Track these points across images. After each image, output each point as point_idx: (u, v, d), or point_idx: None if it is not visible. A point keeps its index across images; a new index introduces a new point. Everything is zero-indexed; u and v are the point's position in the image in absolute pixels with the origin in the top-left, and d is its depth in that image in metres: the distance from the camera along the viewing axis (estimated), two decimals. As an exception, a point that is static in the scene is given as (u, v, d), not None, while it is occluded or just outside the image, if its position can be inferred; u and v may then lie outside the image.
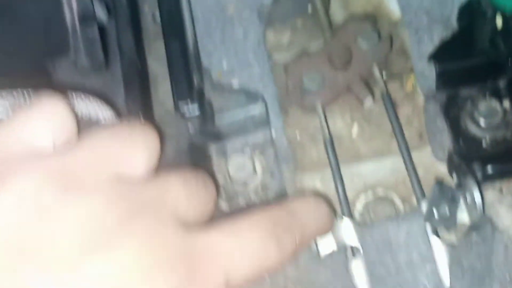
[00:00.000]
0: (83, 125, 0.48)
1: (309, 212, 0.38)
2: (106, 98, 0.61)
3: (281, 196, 0.54)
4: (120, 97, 0.59)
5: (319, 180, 0.56)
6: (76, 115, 0.34)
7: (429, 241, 0.47)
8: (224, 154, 0.58)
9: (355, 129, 0.58)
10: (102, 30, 0.58)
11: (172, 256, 0.28)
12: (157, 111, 0.59)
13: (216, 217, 0.34)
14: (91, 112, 0.49)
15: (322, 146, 0.56)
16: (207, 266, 0.29)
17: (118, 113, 0.57)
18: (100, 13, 0.59)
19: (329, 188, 0.55)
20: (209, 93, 0.59)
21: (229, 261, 0.30)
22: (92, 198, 0.28)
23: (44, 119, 0.31)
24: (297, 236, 0.34)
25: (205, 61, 0.62)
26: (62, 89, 0.62)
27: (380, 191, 0.54)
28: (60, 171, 0.28)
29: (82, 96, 0.48)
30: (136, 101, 0.56)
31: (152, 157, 0.33)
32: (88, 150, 0.31)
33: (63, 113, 0.32)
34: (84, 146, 0.31)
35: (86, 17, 0.55)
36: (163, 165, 0.36)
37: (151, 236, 0.28)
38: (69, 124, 0.32)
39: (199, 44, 0.63)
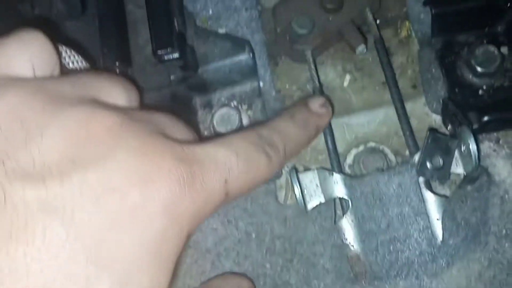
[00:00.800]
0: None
1: (291, 128, 0.41)
2: (81, 46, 0.58)
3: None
4: (95, 44, 0.56)
5: (308, 132, 0.53)
6: (57, 49, 0.33)
7: (421, 194, 0.45)
8: (209, 106, 0.56)
9: (347, 80, 0.55)
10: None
11: (169, 161, 0.27)
12: (137, 58, 0.55)
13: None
14: (66, 61, 0.47)
15: (312, 97, 0.53)
16: (206, 171, 0.29)
17: (93, 62, 0.54)
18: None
19: (320, 141, 0.52)
20: (192, 39, 0.55)
21: (226, 168, 0.30)
22: (76, 110, 0.28)
23: (22, 48, 0.30)
24: (281, 148, 0.36)
25: (189, 5, 0.58)
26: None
27: (372, 144, 0.52)
28: (40, 90, 0.28)
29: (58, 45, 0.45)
30: (112, 48, 0.53)
31: (131, 96, 0.33)
32: (68, 79, 0.31)
33: (43, 45, 0.31)
34: (64, 76, 0.31)
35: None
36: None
37: (144, 144, 0.27)
38: (49, 56, 0.32)
39: (182, -13, 0.59)
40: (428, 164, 0.44)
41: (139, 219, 0.26)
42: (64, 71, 0.46)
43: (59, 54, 0.33)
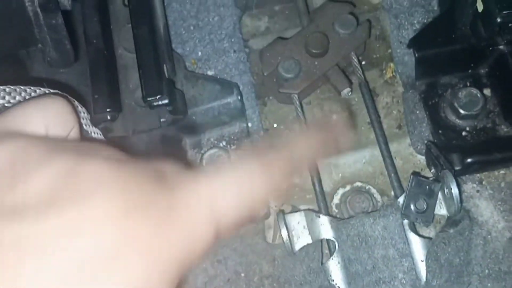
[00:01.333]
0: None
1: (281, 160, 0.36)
2: (74, 92, 0.60)
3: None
4: (88, 89, 0.57)
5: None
6: (76, 113, 0.35)
7: (406, 236, 0.46)
8: (198, 147, 0.57)
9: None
10: (69, 21, 0.56)
11: (146, 200, 0.26)
12: (128, 101, 0.57)
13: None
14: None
15: (299, 137, 0.54)
16: (187, 207, 0.27)
17: (86, 106, 0.55)
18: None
19: (307, 182, 0.53)
20: (181, 83, 0.57)
21: (212, 195, 0.28)
22: (65, 158, 0.28)
23: (39, 111, 0.33)
24: (271, 177, 0.33)
25: (178, 48, 0.60)
26: (35, 78, 0.61)
27: (359, 183, 0.52)
28: (36, 143, 0.30)
29: (54, 90, 0.47)
30: (103, 94, 0.54)
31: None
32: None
33: (60, 109, 0.34)
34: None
35: (47, 3, 0.53)
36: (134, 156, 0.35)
37: (124, 182, 0.27)
38: (64, 119, 0.34)
39: (172, 31, 0.61)
40: (412, 207, 0.45)
41: (115, 265, 0.25)
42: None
43: (77, 117, 0.35)
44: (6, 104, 0.46)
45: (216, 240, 0.28)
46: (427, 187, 0.45)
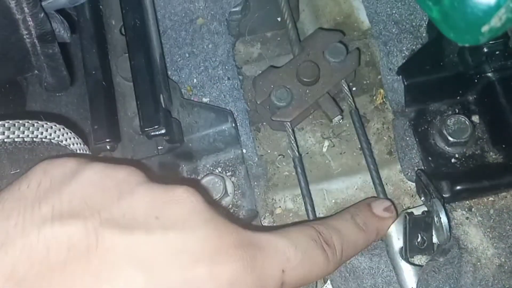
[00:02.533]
0: (52, 151, 0.49)
1: (350, 229, 0.41)
2: (73, 119, 0.61)
3: (253, 216, 0.54)
4: (86, 118, 0.58)
5: (290, 198, 0.55)
6: None
7: (392, 264, 0.47)
8: (195, 173, 0.58)
9: (325, 146, 0.57)
10: (65, 47, 0.57)
11: (235, 243, 0.30)
12: (126, 129, 0.58)
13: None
14: (59, 138, 0.50)
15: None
16: (266, 258, 0.31)
17: (84, 135, 0.56)
18: (61, 30, 0.58)
19: (300, 207, 0.54)
20: (177, 111, 0.58)
21: (284, 258, 0.32)
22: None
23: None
24: (339, 248, 0.37)
25: (174, 75, 0.61)
26: (32, 112, 0.62)
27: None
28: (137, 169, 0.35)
29: (50, 123, 0.48)
30: (102, 125, 0.55)
31: None
32: None
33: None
34: None
35: (45, 35, 0.54)
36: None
37: (218, 223, 0.31)
38: None
39: (168, 58, 0.62)
40: (415, 247, 0.46)
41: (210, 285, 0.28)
42: (59, 147, 0.50)
43: None
44: (5, 140, 0.48)
45: None
46: (422, 222, 0.46)
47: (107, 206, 0.29)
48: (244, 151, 0.57)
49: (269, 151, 0.58)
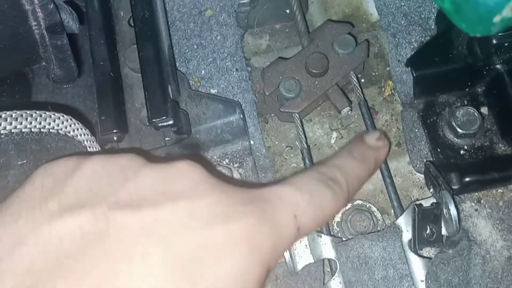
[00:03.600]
0: (59, 142, 0.49)
1: (350, 163, 0.41)
2: (80, 110, 0.61)
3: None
4: (93, 109, 0.58)
5: (298, 190, 0.55)
6: None
7: (405, 256, 0.47)
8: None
9: (333, 137, 0.57)
10: (73, 38, 0.57)
11: (243, 202, 0.31)
12: (133, 121, 0.58)
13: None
14: (67, 128, 0.50)
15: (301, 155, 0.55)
16: (275, 208, 0.32)
17: (91, 126, 0.56)
18: (70, 20, 0.58)
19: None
20: (185, 103, 0.58)
21: (293, 204, 0.33)
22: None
23: None
24: (343, 182, 0.38)
25: (182, 67, 0.61)
26: (40, 102, 0.62)
27: (359, 201, 0.53)
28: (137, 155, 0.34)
29: (56, 113, 0.48)
30: (110, 113, 0.55)
31: None
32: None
33: None
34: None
35: (54, 26, 0.54)
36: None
37: (222, 187, 0.31)
38: None
39: (176, 49, 0.62)
40: (424, 239, 0.46)
41: (224, 250, 0.29)
42: (67, 138, 0.50)
43: None
44: (13, 130, 0.48)
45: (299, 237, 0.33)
46: (431, 214, 0.46)
47: (113, 191, 0.30)
48: (251, 142, 0.57)
49: (276, 142, 0.58)
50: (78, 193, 0.30)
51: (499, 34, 0.49)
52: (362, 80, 0.59)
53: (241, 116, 0.57)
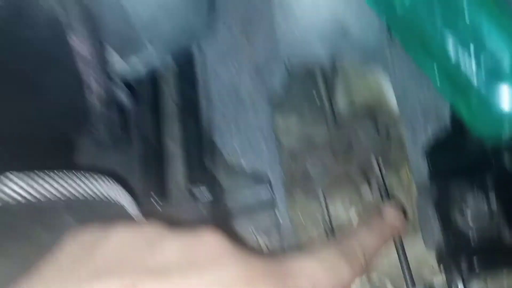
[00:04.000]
0: (101, 207, 0.53)
1: (369, 238, 0.45)
2: (122, 177, 0.66)
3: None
4: (136, 176, 0.64)
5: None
6: None
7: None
8: (230, 232, 0.63)
9: (353, 215, 0.62)
10: (123, 110, 0.63)
11: (267, 274, 0.33)
12: (173, 189, 0.63)
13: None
14: (110, 193, 0.54)
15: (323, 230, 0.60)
16: (296, 280, 0.34)
17: (133, 192, 0.61)
18: (122, 96, 0.64)
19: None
20: (220, 174, 0.64)
21: (314, 278, 0.35)
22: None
23: None
24: (361, 256, 0.41)
25: (218, 140, 0.67)
26: (83, 167, 0.68)
27: (374, 276, 0.58)
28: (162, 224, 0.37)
29: (101, 177, 0.53)
30: (151, 180, 0.61)
31: None
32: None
33: None
34: None
35: (107, 100, 0.60)
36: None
37: (246, 257, 0.33)
38: None
39: (213, 124, 0.68)
40: None
41: None
42: (110, 203, 0.54)
43: None
44: (63, 192, 0.51)
45: None
46: None
47: (140, 260, 0.31)
48: (278, 216, 0.62)
49: (302, 218, 0.63)
50: (106, 262, 0.31)
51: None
52: (382, 164, 0.64)
53: (270, 190, 0.62)
